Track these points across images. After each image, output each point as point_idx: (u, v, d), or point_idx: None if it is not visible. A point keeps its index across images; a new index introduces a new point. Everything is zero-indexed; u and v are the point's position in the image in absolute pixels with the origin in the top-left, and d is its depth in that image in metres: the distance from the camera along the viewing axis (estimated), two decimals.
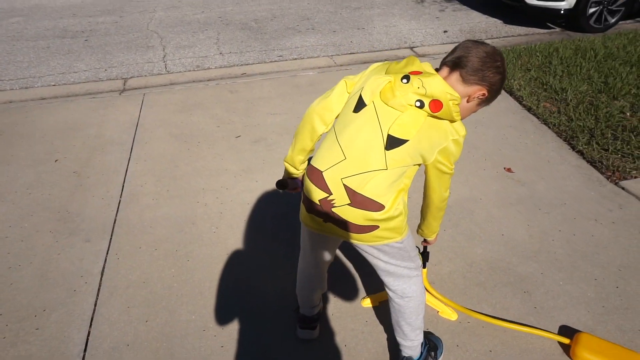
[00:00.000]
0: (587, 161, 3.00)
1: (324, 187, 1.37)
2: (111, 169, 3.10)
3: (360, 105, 1.37)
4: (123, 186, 2.92)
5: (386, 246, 1.43)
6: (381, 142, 1.31)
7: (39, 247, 2.43)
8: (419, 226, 1.65)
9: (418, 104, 1.28)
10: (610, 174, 2.85)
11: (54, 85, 4.57)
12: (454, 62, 1.31)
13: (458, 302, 2.04)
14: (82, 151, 3.33)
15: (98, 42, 5.57)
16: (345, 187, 1.34)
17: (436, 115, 1.28)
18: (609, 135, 3.19)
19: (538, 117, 3.57)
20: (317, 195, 1.39)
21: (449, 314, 1.97)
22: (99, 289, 2.16)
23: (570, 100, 3.70)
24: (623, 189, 2.72)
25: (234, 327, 1.96)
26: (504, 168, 2.97)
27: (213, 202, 2.74)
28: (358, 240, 1.42)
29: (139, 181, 2.97)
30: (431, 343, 1.75)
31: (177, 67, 4.95)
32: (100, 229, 2.54)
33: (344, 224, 1.38)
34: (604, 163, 2.92)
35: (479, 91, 1.32)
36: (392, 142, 1.30)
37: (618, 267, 2.19)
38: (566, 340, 1.81)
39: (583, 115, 3.46)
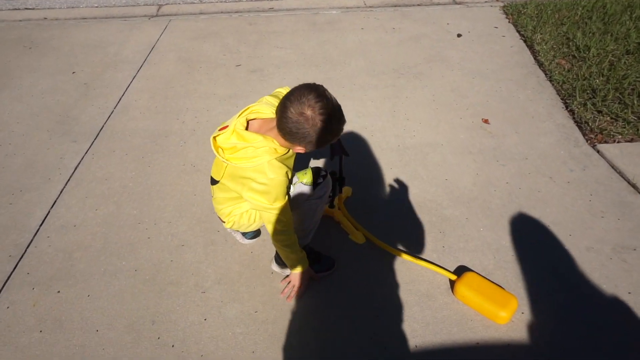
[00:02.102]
0: (575, 121, 2.84)
1: None
2: (116, 84, 3.40)
3: None
4: (120, 99, 3.20)
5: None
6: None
7: (35, 141, 2.79)
8: None
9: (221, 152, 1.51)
10: (592, 136, 2.69)
11: (96, 6, 4.91)
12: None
13: (374, 233, 2.12)
14: (98, 66, 3.65)
15: None
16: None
17: (231, 163, 1.47)
18: (611, 97, 2.96)
19: (546, 74, 3.36)
20: None
21: (358, 237, 2.07)
22: (68, 180, 2.48)
23: (590, 58, 3.43)
24: (598, 151, 2.57)
25: (164, 223, 2.20)
26: (482, 119, 2.89)
27: (190, 120, 2.95)
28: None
29: (134, 96, 3.24)
30: (313, 256, 1.89)
31: None
32: (88, 133, 2.86)
33: None
34: (590, 125, 2.75)
35: (297, 147, 1.44)
36: (212, 181, 1.70)
37: (549, 224, 2.15)
38: (453, 277, 1.86)
39: (594, 75, 3.22)
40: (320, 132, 1.35)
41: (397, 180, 2.43)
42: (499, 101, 3.08)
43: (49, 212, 2.28)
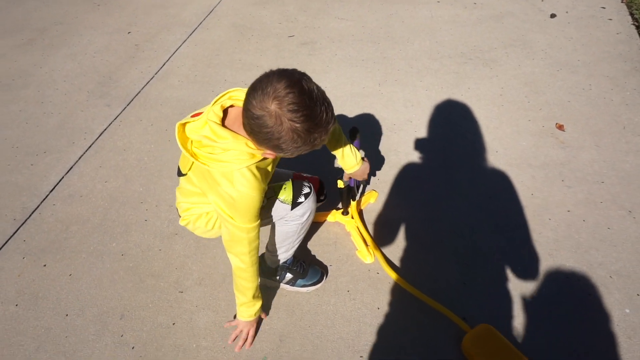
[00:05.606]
0: None
1: None
2: (164, 48, 3.31)
3: None
4: (164, 65, 3.11)
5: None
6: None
7: (73, 102, 2.79)
8: None
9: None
10: None
11: None
12: None
13: (387, 251, 1.82)
14: (154, 28, 3.58)
15: None
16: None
17: (197, 161, 1.21)
18: None
19: None
20: None
21: (365, 255, 1.78)
22: (89, 147, 2.43)
23: None
24: None
25: (165, 206, 2.06)
26: (556, 124, 2.39)
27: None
28: None
29: (178, 62, 3.13)
30: (300, 269, 1.65)
31: None
32: (123, 98, 2.80)
33: None
34: None
35: (266, 151, 1.14)
36: (179, 172, 1.43)
37: (612, 274, 1.69)
38: (466, 328, 1.51)
39: None
40: (290, 135, 1.01)
41: (428, 191, 2.07)
42: (583, 103, 2.52)
43: (62, 178, 2.25)
